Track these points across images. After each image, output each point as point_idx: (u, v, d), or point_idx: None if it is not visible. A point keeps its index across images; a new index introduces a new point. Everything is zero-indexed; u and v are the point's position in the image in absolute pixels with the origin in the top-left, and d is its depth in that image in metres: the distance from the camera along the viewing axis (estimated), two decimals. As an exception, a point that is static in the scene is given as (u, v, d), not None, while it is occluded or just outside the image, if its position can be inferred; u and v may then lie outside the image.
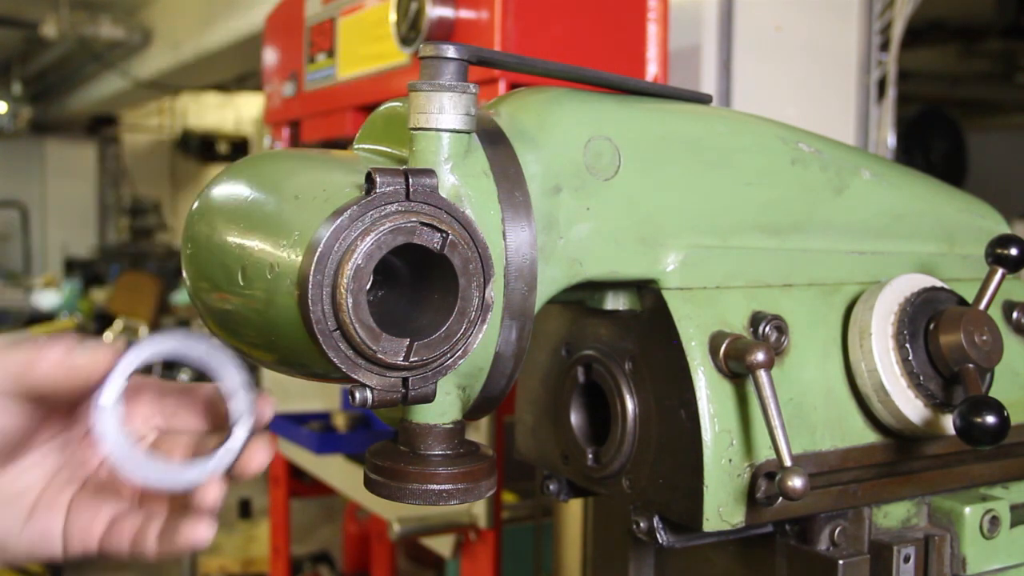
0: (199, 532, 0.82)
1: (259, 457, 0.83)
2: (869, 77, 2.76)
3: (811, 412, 1.09)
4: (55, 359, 0.78)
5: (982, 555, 1.17)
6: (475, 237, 0.84)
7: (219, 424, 0.89)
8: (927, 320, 1.11)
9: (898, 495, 1.16)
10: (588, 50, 1.91)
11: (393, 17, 1.96)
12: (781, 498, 1.00)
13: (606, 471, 1.13)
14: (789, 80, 2.68)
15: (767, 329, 1.07)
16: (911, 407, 1.09)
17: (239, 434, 0.82)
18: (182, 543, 0.83)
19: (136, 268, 11.22)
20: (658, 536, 1.09)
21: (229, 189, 0.93)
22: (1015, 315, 1.27)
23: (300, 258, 0.81)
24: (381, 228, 0.80)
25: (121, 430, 0.78)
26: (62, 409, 0.86)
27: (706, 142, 1.11)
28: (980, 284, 1.13)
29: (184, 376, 7.69)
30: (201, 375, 0.87)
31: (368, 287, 0.80)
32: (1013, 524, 1.20)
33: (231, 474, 0.82)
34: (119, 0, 8.26)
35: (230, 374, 0.82)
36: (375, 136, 1.01)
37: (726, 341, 1.03)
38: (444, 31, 1.88)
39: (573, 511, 1.92)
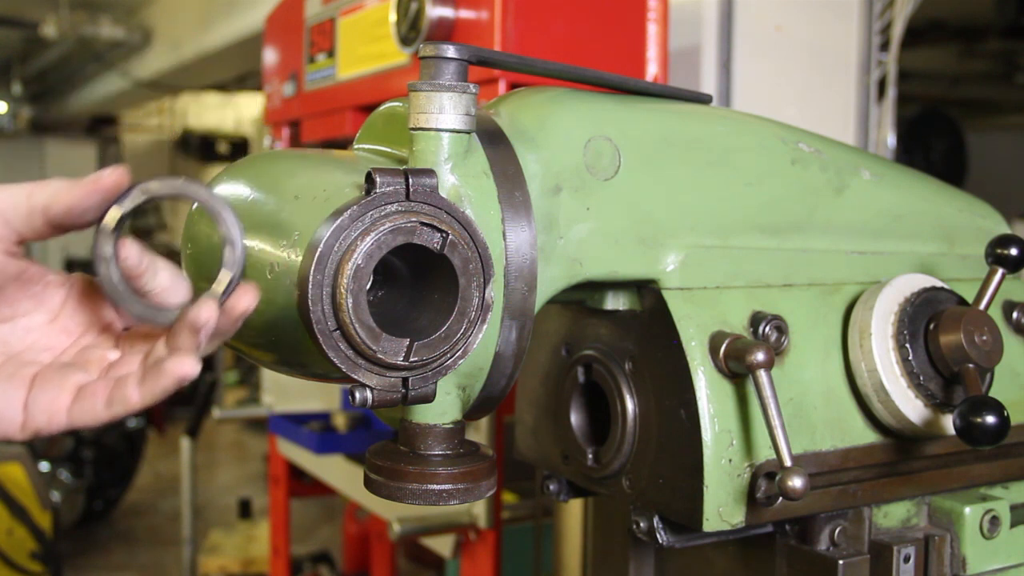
0: (184, 366, 0.76)
1: (246, 299, 0.79)
2: (869, 77, 2.75)
3: (811, 412, 1.09)
4: (54, 190, 0.76)
5: (982, 555, 1.17)
6: (475, 237, 0.84)
7: None
8: (927, 320, 1.11)
9: (898, 495, 1.16)
10: (588, 50, 1.91)
11: (393, 17, 1.96)
12: (781, 498, 1.00)
13: (606, 471, 1.13)
14: (789, 80, 2.68)
15: (767, 329, 1.07)
16: (911, 407, 1.09)
17: (224, 277, 0.79)
18: (167, 382, 0.76)
19: (136, 268, 11.18)
20: (658, 536, 1.09)
21: (229, 189, 0.93)
22: (1015, 315, 1.27)
23: (300, 258, 0.81)
24: (381, 228, 0.80)
25: (116, 258, 0.77)
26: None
27: (706, 142, 1.11)
28: (980, 284, 1.13)
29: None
30: None
31: (368, 287, 0.80)
32: (1013, 524, 1.20)
33: (220, 306, 0.78)
34: (119, 0, 8.25)
35: (229, 221, 0.79)
36: (375, 136, 1.01)
37: (726, 341, 1.03)
38: (444, 31, 1.88)
39: (573, 511, 1.92)
